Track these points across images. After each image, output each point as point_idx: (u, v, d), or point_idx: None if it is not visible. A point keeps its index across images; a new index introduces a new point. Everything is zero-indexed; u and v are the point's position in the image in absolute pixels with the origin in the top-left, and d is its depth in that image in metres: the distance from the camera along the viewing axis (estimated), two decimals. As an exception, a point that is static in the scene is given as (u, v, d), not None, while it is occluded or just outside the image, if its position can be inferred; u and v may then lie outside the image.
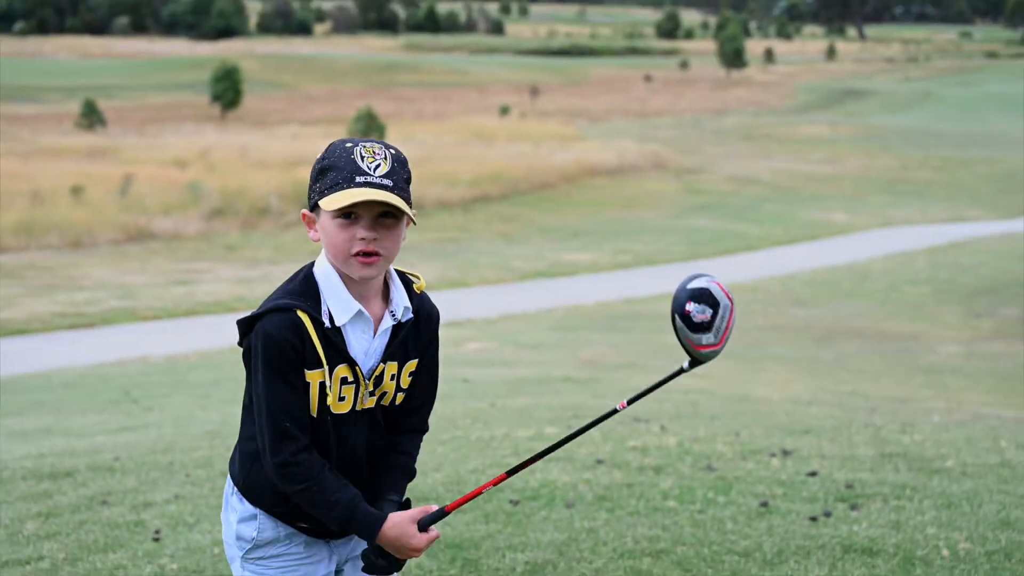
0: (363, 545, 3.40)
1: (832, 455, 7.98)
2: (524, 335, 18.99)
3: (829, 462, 7.75)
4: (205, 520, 6.64)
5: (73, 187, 36.20)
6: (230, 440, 8.92)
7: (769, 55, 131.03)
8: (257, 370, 3.24)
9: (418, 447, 3.50)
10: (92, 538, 6.38)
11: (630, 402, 3.33)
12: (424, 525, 3.32)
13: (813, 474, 7.36)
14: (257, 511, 3.40)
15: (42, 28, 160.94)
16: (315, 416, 3.29)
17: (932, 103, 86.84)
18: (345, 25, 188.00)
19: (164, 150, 48.69)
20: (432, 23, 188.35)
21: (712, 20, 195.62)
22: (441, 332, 3.52)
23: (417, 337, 3.42)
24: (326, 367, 3.26)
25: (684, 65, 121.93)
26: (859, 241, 34.90)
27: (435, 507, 3.36)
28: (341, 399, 3.31)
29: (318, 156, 3.34)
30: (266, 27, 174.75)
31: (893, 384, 14.96)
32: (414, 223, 3.35)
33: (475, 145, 51.69)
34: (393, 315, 3.36)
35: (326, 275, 3.31)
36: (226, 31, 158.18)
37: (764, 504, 6.71)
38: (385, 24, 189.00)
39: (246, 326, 3.28)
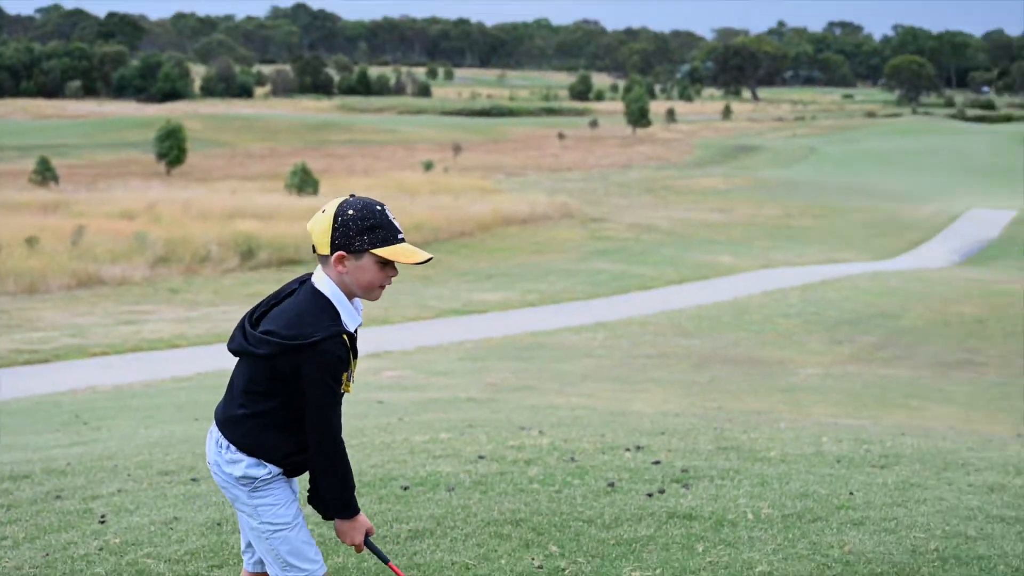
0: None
1: (677, 449, 8.75)
2: (436, 364, 19.40)
3: (673, 454, 8.52)
4: (143, 507, 7.18)
5: (28, 238, 36.16)
6: (168, 449, 9.58)
7: (671, 115, 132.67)
8: (321, 380, 4.08)
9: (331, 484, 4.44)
10: (48, 522, 6.87)
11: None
12: (367, 541, 4.48)
13: (657, 463, 8.13)
14: (259, 460, 4.24)
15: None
16: None
17: (816, 158, 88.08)
18: (283, 88, 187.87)
19: (113, 203, 48.60)
20: (364, 86, 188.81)
21: (621, 83, 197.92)
22: (361, 363, 4.45)
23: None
24: (352, 364, 4.22)
25: (594, 124, 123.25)
26: (742, 280, 35.47)
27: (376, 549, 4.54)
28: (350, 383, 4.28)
29: (355, 213, 4.12)
30: (209, 90, 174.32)
31: (754, 400, 15.70)
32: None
33: (400, 198, 52.12)
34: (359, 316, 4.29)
35: (336, 296, 4.16)
36: (172, 94, 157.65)
37: (611, 484, 7.46)
38: (320, 87, 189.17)
39: (293, 346, 4.05)
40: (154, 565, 6.02)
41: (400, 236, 4.19)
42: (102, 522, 6.85)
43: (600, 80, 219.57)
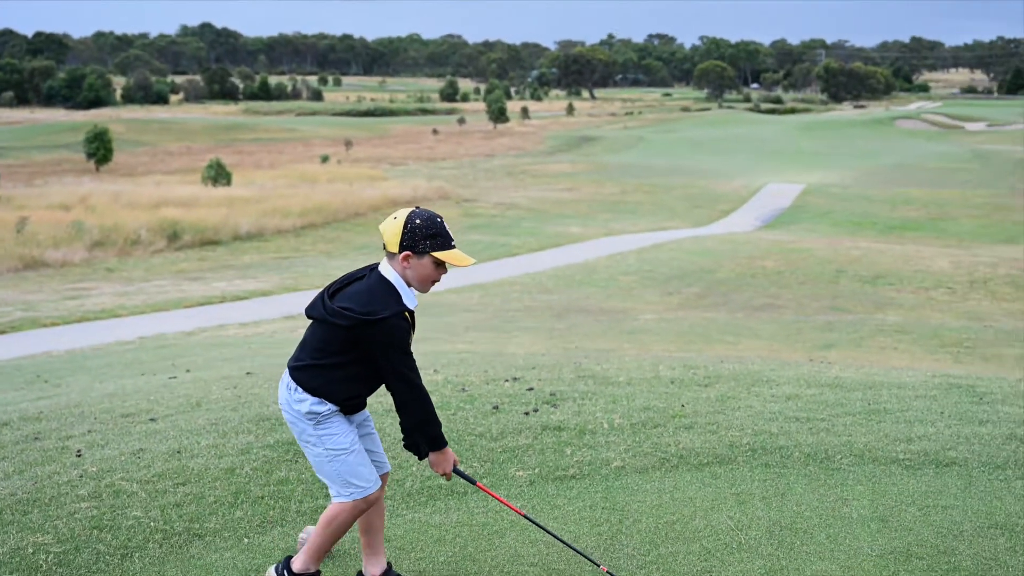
0: (363, 417, 4.74)
1: (546, 378, 9.09)
2: None
3: (543, 382, 8.85)
4: (113, 442, 7.24)
5: (-24, 229, 35.10)
6: (125, 398, 9.56)
7: (525, 112, 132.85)
8: (392, 348, 4.37)
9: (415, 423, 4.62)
10: (32, 458, 6.89)
11: None
12: (455, 469, 4.69)
13: (531, 389, 8.45)
14: (321, 399, 4.47)
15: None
16: None
17: (644, 145, 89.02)
18: (194, 95, 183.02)
19: (50, 197, 47.10)
20: (265, 92, 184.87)
21: (482, 87, 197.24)
22: (278, 324, 4.66)
23: None
24: (411, 333, 4.47)
25: (462, 121, 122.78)
26: (589, 246, 35.79)
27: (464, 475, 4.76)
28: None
29: (421, 223, 4.45)
30: (129, 98, 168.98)
31: (604, 341, 16.09)
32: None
33: (303, 186, 51.55)
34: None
35: (399, 283, 4.44)
36: (96, 101, 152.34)
37: (495, 407, 7.76)
38: (227, 94, 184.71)
39: (366, 320, 4.33)
40: (128, 486, 6.13)
41: (453, 243, 4.51)
42: (79, 455, 6.90)
43: (465, 84, 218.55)
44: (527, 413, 7.52)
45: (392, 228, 4.43)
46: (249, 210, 41.14)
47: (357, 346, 4.38)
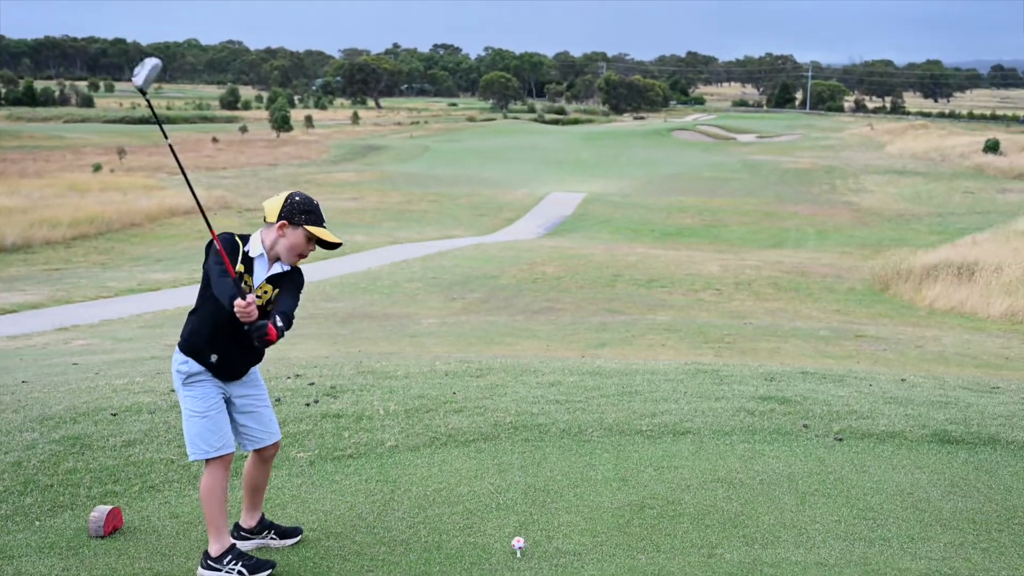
0: (242, 388, 5.27)
1: (327, 375, 9.67)
2: (120, 333, 19.05)
3: (324, 377, 9.44)
4: None
5: None
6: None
7: (309, 121, 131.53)
8: (209, 254, 5.08)
9: (284, 315, 5.15)
10: None
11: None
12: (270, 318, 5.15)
13: (312, 384, 9.03)
14: (187, 359, 5.08)
15: None
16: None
17: (430, 154, 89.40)
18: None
19: None
20: (30, 98, 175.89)
21: (265, 94, 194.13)
22: (50, 336, 5.14)
23: (281, 281, 5.22)
24: (249, 279, 5.12)
25: (244, 129, 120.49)
26: (374, 254, 35.89)
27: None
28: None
29: (299, 200, 5.21)
30: None
31: (388, 345, 16.66)
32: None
33: (72, 196, 49.64)
34: (282, 267, 5.18)
35: (256, 239, 5.19)
36: None
37: (278, 399, 8.31)
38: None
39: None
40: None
41: (324, 224, 5.25)
42: None
43: (246, 92, 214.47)
44: (308, 404, 8.10)
45: (274, 202, 5.18)
46: (14, 220, 39.51)
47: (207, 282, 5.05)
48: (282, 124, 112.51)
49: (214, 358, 5.10)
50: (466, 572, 5.14)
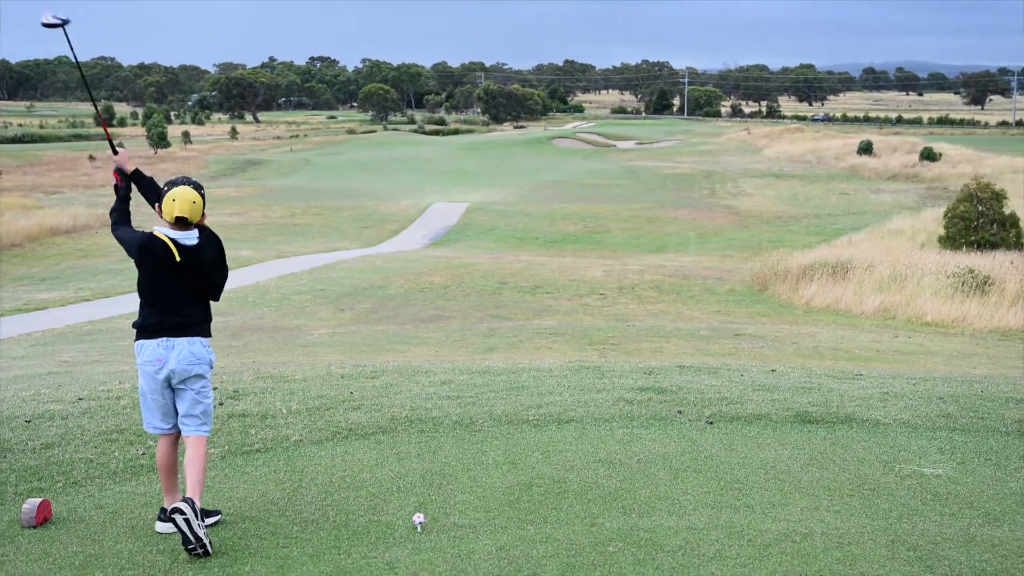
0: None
1: (228, 381, 10.11)
2: (12, 351, 18.61)
3: (225, 382, 9.88)
4: None
5: None
6: None
7: (187, 136, 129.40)
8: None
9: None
10: None
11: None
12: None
13: (215, 388, 9.45)
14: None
15: None
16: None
17: (311, 168, 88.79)
18: None
19: None
20: None
21: (140, 111, 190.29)
22: None
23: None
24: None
25: (121, 146, 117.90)
26: (260, 269, 35.81)
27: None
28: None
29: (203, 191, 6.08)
30: None
31: (280, 355, 16.95)
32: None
33: (-57, 218, 48.51)
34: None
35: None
36: None
37: (221, 404, 8.71)
38: None
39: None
40: None
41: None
42: None
43: (121, 108, 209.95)
44: (222, 403, 8.56)
45: (198, 205, 5.97)
46: None
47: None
48: (159, 141, 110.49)
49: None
50: (372, 546, 5.71)
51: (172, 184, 5.89)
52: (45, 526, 5.88)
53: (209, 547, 5.46)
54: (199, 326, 5.91)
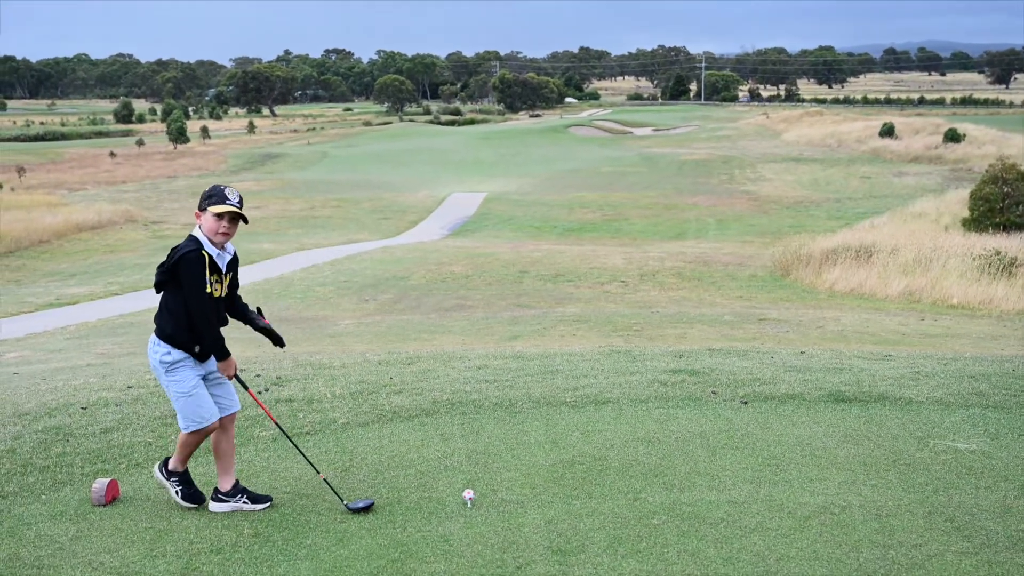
0: (212, 364, 6.12)
1: (269, 368, 10.36)
2: (49, 345, 19.08)
3: (267, 369, 10.13)
4: None
5: None
6: None
7: (206, 131, 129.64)
8: (188, 277, 5.84)
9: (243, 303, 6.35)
10: None
11: None
12: (236, 376, 6.17)
13: (258, 376, 9.72)
14: (171, 347, 5.91)
15: None
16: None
17: (328, 160, 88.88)
18: None
19: None
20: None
21: (159, 107, 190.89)
22: None
23: (234, 264, 6.18)
24: (218, 275, 6.00)
25: (140, 143, 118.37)
26: (283, 261, 36.11)
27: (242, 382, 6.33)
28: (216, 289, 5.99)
29: (206, 190, 6.07)
30: None
31: (310, 345, 17.13)
32: (246, 223, 6.25)
33: (-27, 217, 48.96)
34: (228, 252, 6.08)
35: (199, 234, 5.98)
36: None
37: (267, 390, 8.94)
38: None
39: (171, 261, 5.91)
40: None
41: (228, 201, 6.05)
42: None
43: (140, 105, 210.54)
44: (260, 392, 8.79)
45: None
46: (-83, 243, 39.03)
47: (177, 282, 5.83)
48: (179, 136, 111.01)
49: (197, 348, 5.88)
50: (425, 520, 5.93)
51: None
52: (114, 504, 6.15)
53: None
54: (157, 318, 6.17)
